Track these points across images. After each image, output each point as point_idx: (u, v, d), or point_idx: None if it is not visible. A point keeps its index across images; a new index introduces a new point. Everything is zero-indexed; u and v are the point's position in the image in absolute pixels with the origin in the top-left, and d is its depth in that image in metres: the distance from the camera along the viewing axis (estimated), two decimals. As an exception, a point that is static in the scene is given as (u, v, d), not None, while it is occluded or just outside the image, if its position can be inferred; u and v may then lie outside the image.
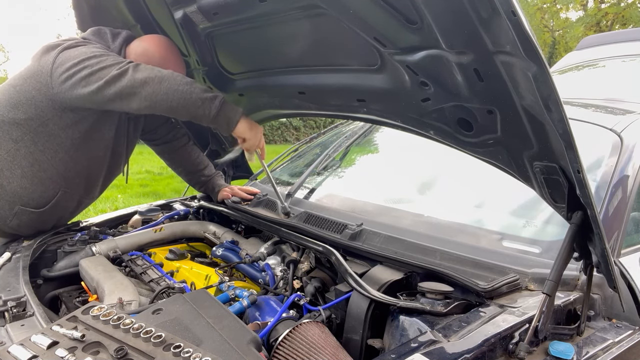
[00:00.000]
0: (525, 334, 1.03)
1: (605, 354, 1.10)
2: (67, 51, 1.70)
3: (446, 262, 1.36)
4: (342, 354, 1.12)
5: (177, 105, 1.64)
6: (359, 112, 1.62)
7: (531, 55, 0.89)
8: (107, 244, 1.78)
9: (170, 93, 1.63)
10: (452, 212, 1.67)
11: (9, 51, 29.64)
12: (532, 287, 1.25)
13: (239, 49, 1.76)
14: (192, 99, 1.64)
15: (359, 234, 1.56)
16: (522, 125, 1.10)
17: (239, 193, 2.21)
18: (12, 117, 1.73)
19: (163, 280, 1.56)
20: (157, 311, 1.10)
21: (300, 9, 1.35)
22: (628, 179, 1.51)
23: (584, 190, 1.01)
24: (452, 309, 1.15)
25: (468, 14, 0.95)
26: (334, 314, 1.33)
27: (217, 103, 1.66)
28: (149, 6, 1.84)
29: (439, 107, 1.30)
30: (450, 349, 0.96)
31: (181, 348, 0.91)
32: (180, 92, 1.64)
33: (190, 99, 1.64)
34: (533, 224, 1.53)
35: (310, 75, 1.62)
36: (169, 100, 1.64)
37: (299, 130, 21.03)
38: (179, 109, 1.66)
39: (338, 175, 2.26)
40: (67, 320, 1.03)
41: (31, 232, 1.91)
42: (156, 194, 7.12)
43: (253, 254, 1.73)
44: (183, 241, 2.06)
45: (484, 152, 1.31)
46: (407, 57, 1.23)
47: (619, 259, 1.37)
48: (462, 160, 1.50)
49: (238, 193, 2.21)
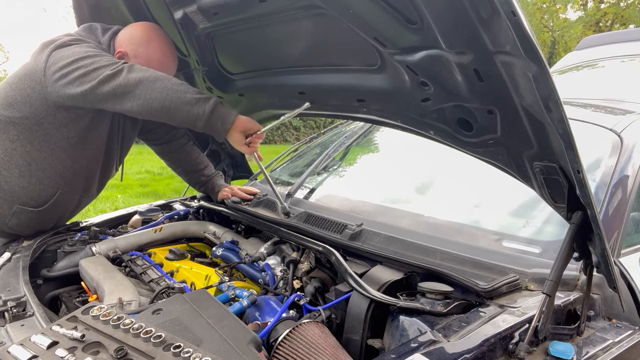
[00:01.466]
0: (525, 334, 1.03)
1: (605, 354, 1.10)
2: (60, 50, 1.69)
3: (446, 262, 1.36)
4: (342, 354, 1.12)
5: (171, 104, 1.62)
6: (359, 112, 1.62)
7: (531, 55, 0.89)
8: (107, 244, 1.78)
9: (164, 92, 1.62)
10: (452, 212, 1.67)
11: (9, 51, 29.68)
12: (532, 287, 1.25)
13: (239, 49, 1.76)
14: (186, 98, 1.63)
15: (359, 234, 1.56)
16: (522, 126, 1.10)
17: (239, 193, 2.21)
18: (8, 116, 1.73)
19: (163, 281, 1.56)
20: (157, 311, 1.10)
21: (300, 9, 1.35)
22: (628, 179, 1.51)
23: (584, 191, 1.01)
24: (452, 309, 1.15)
25: (468, 14, 0.95)
26: (334, 314, 1.33)
27: (211, 103, 1.65)
28: (149, 6, 1.84)
29: (439, 107, 1.30)
30: (450, 349, 0.96)
31: (181, 348, 0.91)
32: (175, 90, 1.63)
33: (185, 98, 1.63)
34: (533, 224, 1.53)
35: (310, 75, 1.62)
36: (162, 99, 1.62)
37: (299, 130, 21.02)
38: (172, 109, 1.63)
39: (338, 175, 2.26)
40: (67, 320, 1.03)
41: (31, 231, 1.91)
42: (156, 194, 7.12)
43: (253, 254, 1.73)
44: (183, 241, 2.06)
45: (484, 152, 1.31)
46: (407, 57, 1.23)
47: (619, 259, 1.37)
48: (462, 160, 1.50)
49: (238, 193, 2.21)
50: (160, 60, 1.84)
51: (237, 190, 2.22)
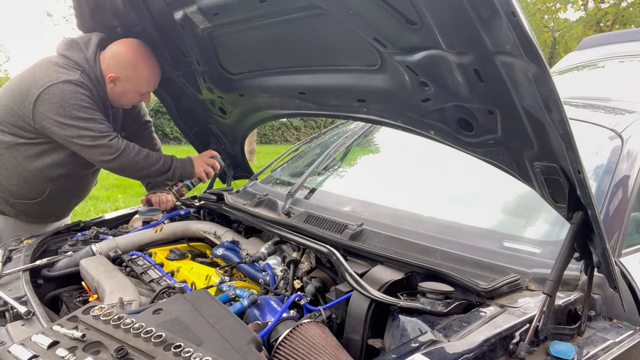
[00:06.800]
0: (525, 334, 1.03)
1: (605, 354, 1.10)
2: (51, 90, 1.83)
3: (447, 262, 1.36)
4: (343, 354, 1.12)
5: (144, 175, 2.07)
6: (359, 113, 1.62)
7: (531, 56, 0.89)
8: (108, 244, 1.78)
9: (140, 170, 2.01)
10: (453, 212, 1.67)
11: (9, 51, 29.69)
12: (533, 287, 1.24)
13: (239, 49, 1.76)
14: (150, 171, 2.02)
15: (359, 234, 1.56)
16: (522, 126, 1.10)
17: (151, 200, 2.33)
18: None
19: (163, 280, 1.56)
20: (158, 311, 1.11)
21: (300, 9, 1.35)
22: (629, 179, 1.51)
23: (585, 191, 1.01)
24: (452, 309, 1.15)
25: (468, 14, 0.95)
26: (335, 314, 1.33)
27: (173, 165, 2.07)
28: (149, 6, 1.84)
29: (440, 107, 1.30)
30: (451, 349, 0.96)
31: (181, 348, 0.91)
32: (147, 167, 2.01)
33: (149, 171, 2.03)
34: (533, 224, 1.53)
35: (311, 76, 1.62)
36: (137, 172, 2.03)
37: (300, 130, 21.01)
38: (144, 176, 2.11)
39: (338, 175, 2.26)
40: (67, 320, 1.04)
41: (34, 217, 2.11)
42: (157, 194, 7.09)
43: (253, 254, 1.73)
44: (184, 241, 2.06)
45: (485, 152, 1.31)
46: (407, 57, 1.23)
47: (620, 259, 1.37)
48: (462, 160, 1.50)
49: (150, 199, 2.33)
50: (149, 79, 2.05)
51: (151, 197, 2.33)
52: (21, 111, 1.86)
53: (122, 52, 1.96)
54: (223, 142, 2.47)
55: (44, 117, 1.84)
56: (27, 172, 1.95)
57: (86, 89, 1.89)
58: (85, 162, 2.00)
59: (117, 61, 1.96)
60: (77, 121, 1.85)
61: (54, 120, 1.83)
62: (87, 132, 1.87)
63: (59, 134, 1.86)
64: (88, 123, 1.87)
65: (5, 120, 1.91)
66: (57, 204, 2.13)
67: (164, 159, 2.06)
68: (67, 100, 1.83)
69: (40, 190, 2.01)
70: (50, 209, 2.14)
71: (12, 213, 2.05)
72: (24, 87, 1.86)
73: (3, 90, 1.95)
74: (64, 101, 1.83)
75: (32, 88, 1.84)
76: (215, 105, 2.23)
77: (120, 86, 2.00)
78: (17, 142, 1.92)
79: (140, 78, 2.01)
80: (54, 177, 2.00)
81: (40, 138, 1.91)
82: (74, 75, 1.87)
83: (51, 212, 2.17)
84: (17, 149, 1.93)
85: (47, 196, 2.02)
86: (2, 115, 1.91)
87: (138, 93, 2.06)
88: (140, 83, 2.02)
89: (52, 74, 1.85)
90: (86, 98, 1.88)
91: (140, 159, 1.98)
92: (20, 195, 2.01)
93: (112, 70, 1.97)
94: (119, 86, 2.00)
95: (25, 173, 1.95)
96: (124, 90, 2.02)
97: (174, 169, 2.07)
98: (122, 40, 1.98)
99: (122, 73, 1.97)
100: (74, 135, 1.86)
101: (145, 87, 2.06)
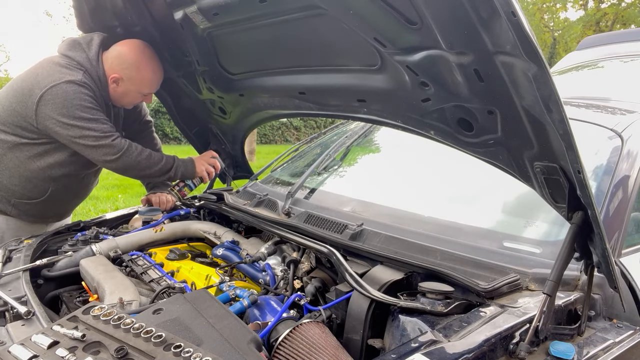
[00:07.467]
0: (525, 334, 1.03)
1: (605, 354, 1.10)
2: (54, 90, 1.83)
3: (446, 262, 1.36)
4: (343, 354, 1.12)
5: (147, 175, 2.09)
6: (360, 113, 1.62)
7: (531, 56, 0.89)
8: (108, 244, 1.78)
9: (143, 170, 2.03)
10: (453, 212, 1.67)
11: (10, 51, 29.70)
12: (533, 287, 1.24)
13: (239, 49, 1.76)
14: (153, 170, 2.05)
15: (359, 234, 1.56)
16: (522, 126, 1.10)
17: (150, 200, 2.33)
18: None
19: (163, 280, 1.56)
20: (158, 311, 1.11)
21: (300, 9, 1.35)
22: (629, 179, 1.51)
23: (585, 191, 1.01)
24: (452, 309, 1.15)
25: (468, 14, 0.95)
26: (335, 314, 1.33)
27: (175, 164, 2.09)
28: (149, 6, 1.84)
29: (440, 107, 1.30)
30: (451, 349, 0.96)
31: (181, 348, 0.91)
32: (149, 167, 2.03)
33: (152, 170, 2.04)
34: (533, 224, 1.53)
35: (311, 76, 1.62)
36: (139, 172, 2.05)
37: (300, 130, 21.02)
38: (147, 176, 2.13)
39: (339, 175, 2.26)
40: (67, 320, 1.04)
41: (36, 217, 2.12)
42: (157, 194, 7.09)
43: (253, 254, 1.73)
44: (184, 241, 2.06)
45: (485, 152, 1.31)
46: (407, 57, 1.23)
47: (620, 259, 1.36)
48: (462, 160, 1.50)
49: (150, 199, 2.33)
50: (151, 80, 2.06)
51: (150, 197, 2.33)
52: (24, 111, 1.87)
53: (125, 53, 1.97)
54: (223, 142, 2.47)
55: (46, 117, 1.84)
56: (29, 172, 1.96)
57: (89, 89, 1.90)
58: (87, 162, 2.01)
59: (120, 62, 1.97)
60: (80, 121, 1.86)
61: (57, 120, 1.84)
62: (90, 132, 1.87)
63: (61, 134, 1.87)
64: (91, 123, 1.87)
65: (7, 120, 1.91)
66: (59, 203, 2.14)
67: (166, 159, 2.07)
68: (70, 100, 1.84)
69: (42, 190, 2.01)
70: (52, 209, 2.14)
71: (14, 213, 2.06)
72: (27, 87, 1.87)
73: (5, 91, 1.95)
74: (66, 101, 1.84)
75: (34, 88, 1.84)
76: (215, 105, 2.24)
77: (122, 87, 2.01)
78: (20, 142, 1.92)
79: (143, 79, 2.02)
80: (56, 177, 2.00)
81: (43, 138, 1.92)
82: (76, 76, 1.88)
83: (53, 212, 2.17)
84: (20, 149, 1.93)
85: (49, 196, 2.03)
86: (5, 115, 1.91)
87: (140, 94, 2.07)
88: (143, 84, 2.04)
89: (55, 74, 1.86)
90: (89, 98, 1.89)
91: (143, 159, 1.99)
92: (22, 195, 2.01)
93: (115, 71, 1.98)
94: (121, 87, 2.01)
95: (28, 173, 1.96)
96: (126, 91, 2.03)
97: (175, 169, 2.08)
98: (126, 41, 1.98)
99: (125, 74, 1.98)
100: (77, 135, 1.87)
101: (148, 88, 2.06)
